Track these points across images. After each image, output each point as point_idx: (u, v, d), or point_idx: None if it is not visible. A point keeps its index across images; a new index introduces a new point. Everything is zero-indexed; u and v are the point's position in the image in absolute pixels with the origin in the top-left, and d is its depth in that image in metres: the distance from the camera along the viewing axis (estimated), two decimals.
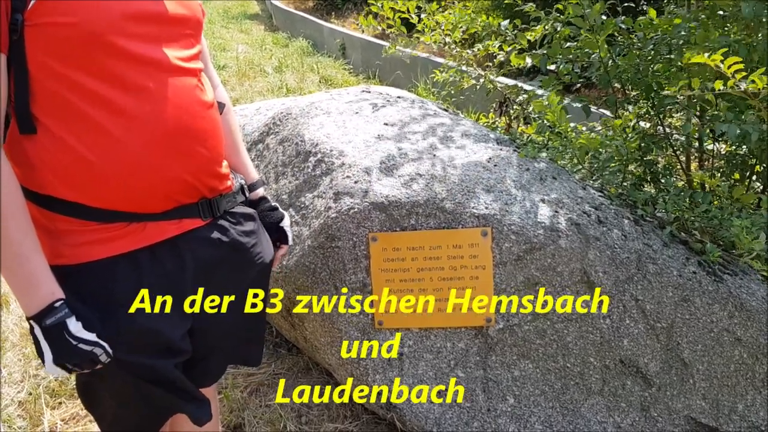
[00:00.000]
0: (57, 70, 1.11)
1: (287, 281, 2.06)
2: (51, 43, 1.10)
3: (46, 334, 1.14)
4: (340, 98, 2.48)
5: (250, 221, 1.51)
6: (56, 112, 1.14)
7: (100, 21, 1.12)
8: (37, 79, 1.12)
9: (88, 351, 1.16)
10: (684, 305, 1.87)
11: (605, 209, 1.96)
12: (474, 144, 2.15)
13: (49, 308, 1.14)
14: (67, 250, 1.22)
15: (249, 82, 7.20)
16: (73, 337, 1.15)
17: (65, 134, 1.14)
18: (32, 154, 1.16)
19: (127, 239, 1.24)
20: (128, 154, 1.18)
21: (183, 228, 1.31)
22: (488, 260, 1.87)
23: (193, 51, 1.31)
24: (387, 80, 7.09)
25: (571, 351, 1.91)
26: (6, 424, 2.31)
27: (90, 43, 1.11)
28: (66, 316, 1.15)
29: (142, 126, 1.18)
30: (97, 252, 1.22)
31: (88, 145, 1.15)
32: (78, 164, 1.16)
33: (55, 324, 1.14)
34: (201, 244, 1.35)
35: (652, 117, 2.25)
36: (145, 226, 1.25)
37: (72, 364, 1.17)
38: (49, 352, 1.15)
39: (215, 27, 10.49)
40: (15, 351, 2.71)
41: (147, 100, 1.18)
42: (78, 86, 1.13)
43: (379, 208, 1.90)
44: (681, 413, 1.93)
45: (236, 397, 2.37)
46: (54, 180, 1.17)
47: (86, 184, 1.18)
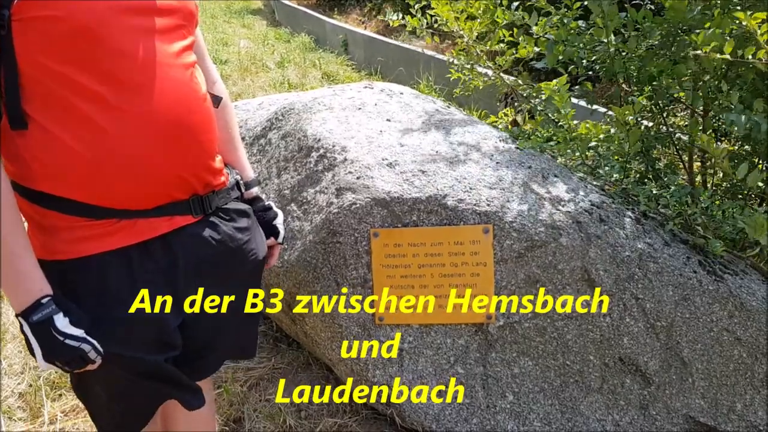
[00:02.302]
0: (46, 65, 1.10)
1: (288, 276, 2.07)
2: (39, 37, 1.09)
3: (33, 330, 1.14)
4: (343, 94, 2.48)
5: (244, 217, 1.49)
6: (47, 107, 1.13)
7: (87, 14, 1.10)
8: (27, 74, 1.11)
9: (75, 347, 1.16)
10: (684, 304, 1.87)
11: (607, 207, 1.96)
12: (477, 141, 2.15)
13: (36, 304, 1.14)
14: (60, 246, 1.22)
15: (251, 78, 7.19)
16: (60, 332, 1.15)
17: (56, 129, 1.13)
18: (23, 150, 1.15)
19: (119, 236, 1.23)
20: (120, 148, 1.17)
21: (174, 225, 1.30)
22: (489, 257, 1.87)
23: (185, 43, 1.29)
24: (389, 77, 7.08)
25: (570, 349, 1.92)
26: (6, 416, 2.31)
27: (78, 36, 1.10)
28: (53, 312, 1.15)
29: (134, 120, 1.17)
30: (89, 248, 1.22)
31: (80, 140, 1.14)
32: (69, 160, 1.15)
33: (41, 320, 1.14)
34: (192, 240, 1.34)
35: (655, 115, 2.25)
36: (135, 222, 1.25)
37: (61, 361, 1.17)
38: (39, 349, 1.15)
39: (218, 22, 10.48)
40: (15, 343, 2.72)
41: (139, 94, 1.17)
42: (68, 81, 1.12)
43: (381, 204, 1.90)
44: (680, 412, 1.93)
45: (236, 391, 2.37)
46: (45, 176, 1.17)
47: (77, 180, 1.17)
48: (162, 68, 1.21)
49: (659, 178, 2.23)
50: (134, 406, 1.41)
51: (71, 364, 1.18)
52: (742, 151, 2.21)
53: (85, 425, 2.26)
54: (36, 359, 1.17)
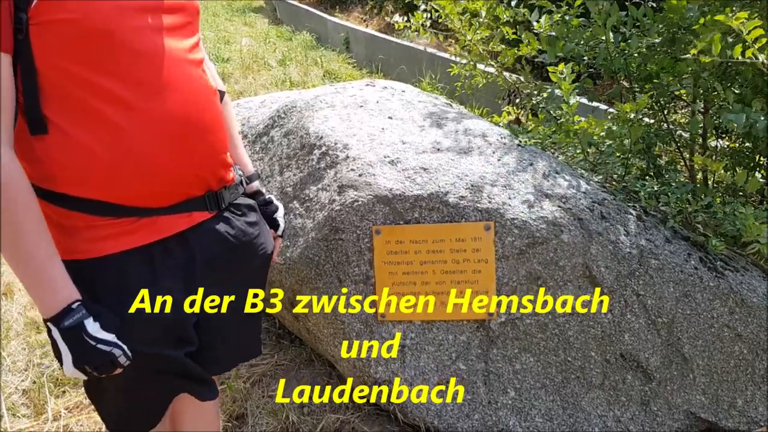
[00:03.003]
0: (65, 68, 1.11)
1: (291, 273, 2.07)
2: (57, 40, 1.09)
3: (64, 335, 1.14)
4: (345, 92, 2.49)
5: (253, 212, 1.52)
6: (66, 109, 1.13)
7: (102, 16, 1.11)
8: (45, 77, 1.11)
9: (107, 351, 1.16)
10: (685, 301, 1.88)
11: (608, 204, 1.97)
12: (478, 138, 2.16)
13: (67, 310, 1.14)
14: (81, 246, 1.22)
15: (253, 76, 7.20)
16: (92, 337, 1.15)
17: (75, 131, 1.14)
18: (42, 153, 1.16)
19: (140, 234, 1.24)
20: (139, 148, 1.18)
21: (193, 221, 1.32)
22: (491, 254, 1.88)
23: (194, 40, 1.31)
24: (391, 74, 7.08)
25: (572, 345, 1.93)
26: (10, 413, 2.33)
27: (94, 38, 1.11)
28: (84, 317, 1.15)
29: (152, 120, 1.18)
30: (110, 246, 1.23)
31: (99, 141, 1.15)
32: (89, 161, 1.16)
33: (73, 325, 1.14)
34: (208, 236, 1.35)
35: (656, 113, 2.25)
36: (155, 220, 1.26)
37: (91, 366, 1.17)
38: (69, 354, 1.15)
39: (219, 20, 10.47)
40: (19, 340, 2.73)
41: (156, 93, 1.18)
42: (86, 82, 1.12)
43: (383, 201, 1.91)
44: (681, 408, 1.94)
45: (239, 388, 2.38)
46: (64, 177, 1.17)
47: (97, 181, 1.18)
48: (177, 66, 1.22)
49: (660, 175, 2.23)
50: (147, 404, 1.42)
51: (100, 369, 1.18)
52: (744, 148, 2.21)
53: (89, 422, 2.27)
54: (63, 365, 1.16)
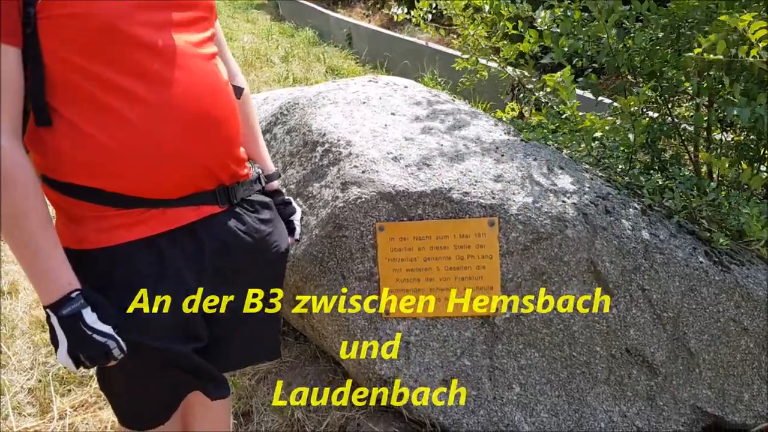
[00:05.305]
0: (73, 61, 1.12)
1: (295, 270, 2.07)
2: (65, 34, 1.10)
3: (62, 323, 1.16)
4: (348, 88, 2.48)
5: (267, 210, 1.52)
6: (74, 102, 1.15)
7: (111, 10, 1.12)
8: (53, 70, 1.12)
9: (102, 342, 1.17)
10: (691, 295, 1.87)
11: (613, 199, 1.96)
12: (481, 133, 2.15)
13: (66, 298, 1.16)
14: (89, 235, 1.23)
15: (255, 72, 7.20)
16: (89, 327, 1.16)
17: (83, 123, 1.15)
18: (51, 144, 1.17)
19: (148, 224, 1.25)
20: (149, 140, 1.19)
21: (201, 214, 1.32)
22: (495, 250, 1.87)
23: (206, 34, 1.32)
24: (394, 70, 7.07)
25: (577, 340, 1.92)
26: (16, 411, 2.33)
27: (103, 32, 1.12)
28: (82, 306, 1.16)
29: (160, 112, 1.19)
30: (119, 237, 1.24)
31: (108, 133, 1.16)
32: (98, 152, 1.16)
33: (71, 314, 1.15)
34: (218, 230, 1.36)
35: (660, 106, 2.24)
36: (164, 211, 1.27)
37: (85, 355, 1.18)
38: (65, 341, 1.17)
39: (221, 17, 10.45)
40: (24, 339, 2.74)
41: (164, 86, 1.19)
42: (94, 76, 1.13)
43: (387, 197, 1.91)
44: (687, 402, 1.93)
45: (244, 385, 2.39)
46: (74, 168, 1.18)
47: (107, 172, 1.19)
48: (185, 59, 1.22)
49: (665, 169, 2.22)
50: (155, 399, 1.42)
51: (94, 360, 1.20)
52: (749, 141, 2.20)
53: (94, 420, 2.28)
54: (57, 352, 1.18)
